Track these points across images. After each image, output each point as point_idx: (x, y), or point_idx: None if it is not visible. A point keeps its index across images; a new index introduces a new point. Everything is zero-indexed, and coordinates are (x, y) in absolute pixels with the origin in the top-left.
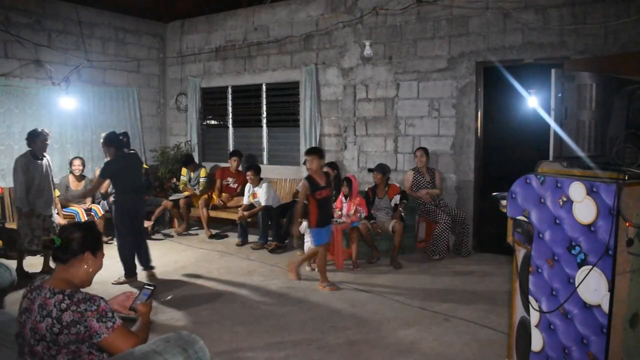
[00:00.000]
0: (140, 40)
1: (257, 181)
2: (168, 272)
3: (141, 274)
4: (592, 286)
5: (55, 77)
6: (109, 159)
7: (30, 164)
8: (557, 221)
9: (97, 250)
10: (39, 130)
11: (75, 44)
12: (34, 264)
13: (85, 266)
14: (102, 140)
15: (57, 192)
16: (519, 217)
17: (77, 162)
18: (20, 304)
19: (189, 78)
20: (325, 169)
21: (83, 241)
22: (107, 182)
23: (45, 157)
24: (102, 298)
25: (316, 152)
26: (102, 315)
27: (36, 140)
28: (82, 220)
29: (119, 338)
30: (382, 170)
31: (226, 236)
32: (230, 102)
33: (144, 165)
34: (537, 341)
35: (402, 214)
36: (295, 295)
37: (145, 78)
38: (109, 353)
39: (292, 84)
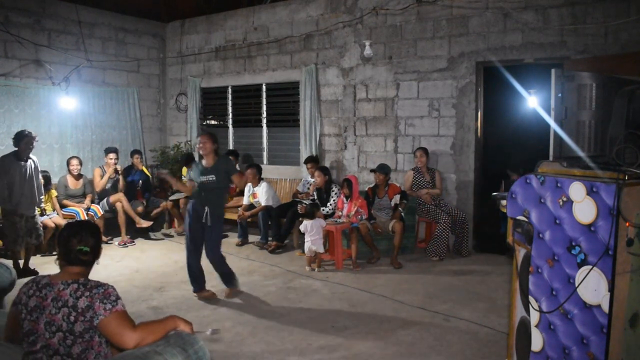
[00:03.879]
0: (140, 40)
1: (258, 180)
2: (168, 272)
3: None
4: (592, 286)
5: (55, 77)
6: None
7: (11, 165)
8: (557, 221)
9: None
10: (26, 132)
11: (75, 44)
12: (35, 263)
13: (97, 261)
14: (208, 138)
15: (54, 193)
16: (519, 217)
17: (74, 162)
18: (26, 303)
19: (189, 78)
20: (316, 174)
21: (99, 241)
22: (104, 180)
23: (30, 158)
24: (111, 285)
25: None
26: (105, 297)
27: (20, 143)
28: (82, 219)
29: (114, 321)
30: (385, 170)
31: (226, 236)
32: (230, 102)
33: (143, 168)
34: (537, 341)
35: (402, 214)
36: (296, 295)
37: (145, 78)
38: (108, 340)
39: (292, 84)
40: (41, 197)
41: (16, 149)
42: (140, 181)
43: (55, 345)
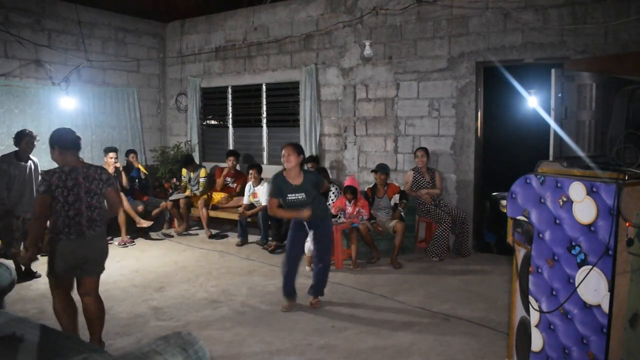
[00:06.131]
0: (140, 40)
1: (259, 180)
2: (168, 272)
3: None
4: (592, 286)
5: (55, 77)
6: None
7: (10, 165)
8: (557, 221)
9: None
10: (27, 131)
11: (75, 44)
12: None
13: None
14: (292, 150)
15: None
16: (519, 217)
17: None
18: (64, 185)
19: (189, 78)
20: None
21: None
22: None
23: (31, 159)
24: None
25: None
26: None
27: (21, 142)
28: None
29: (115, 190)
30: (386, 171)
31: (226, 236)
32: (230, 102)
33: (140, 166)
34: (537, 341)
35: (402, 213)
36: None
37: (145, 78)
38: (110, 197)
39: (292, 84)
40: None
41: (17, 148)
42: (137, 180)
43: (95, 204)
